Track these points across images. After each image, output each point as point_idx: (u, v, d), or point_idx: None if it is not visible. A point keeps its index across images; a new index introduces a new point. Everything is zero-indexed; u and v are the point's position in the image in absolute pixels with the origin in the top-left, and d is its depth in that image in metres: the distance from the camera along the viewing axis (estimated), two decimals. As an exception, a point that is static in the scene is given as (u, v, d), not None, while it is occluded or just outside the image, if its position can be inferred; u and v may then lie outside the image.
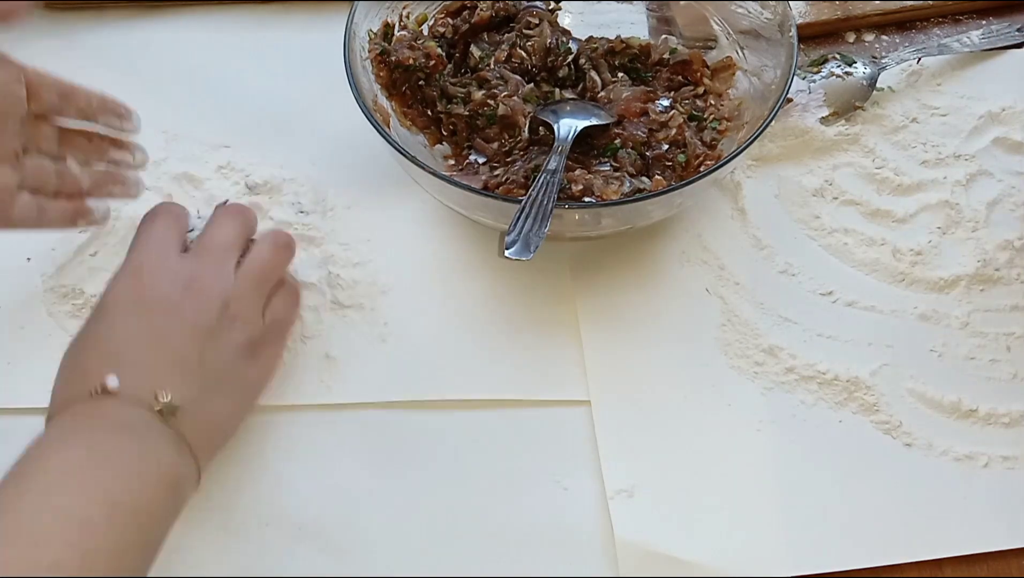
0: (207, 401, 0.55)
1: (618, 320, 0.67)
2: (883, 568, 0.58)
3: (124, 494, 0.47)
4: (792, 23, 0.69)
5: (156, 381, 0.52)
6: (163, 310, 0.55)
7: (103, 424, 0.50)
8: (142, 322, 0.54)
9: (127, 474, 0.48)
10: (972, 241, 0.71)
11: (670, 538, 0.58)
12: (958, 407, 0.63)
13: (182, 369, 0.54)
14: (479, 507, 0.60)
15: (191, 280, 0.56)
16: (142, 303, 0.55)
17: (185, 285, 0.56)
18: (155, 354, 0.54)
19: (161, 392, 0.52)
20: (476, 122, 0.71)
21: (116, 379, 0.51)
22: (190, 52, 0.82)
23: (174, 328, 0.54)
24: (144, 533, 0.48)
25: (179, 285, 0.56)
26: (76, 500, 0.46)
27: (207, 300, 0.56)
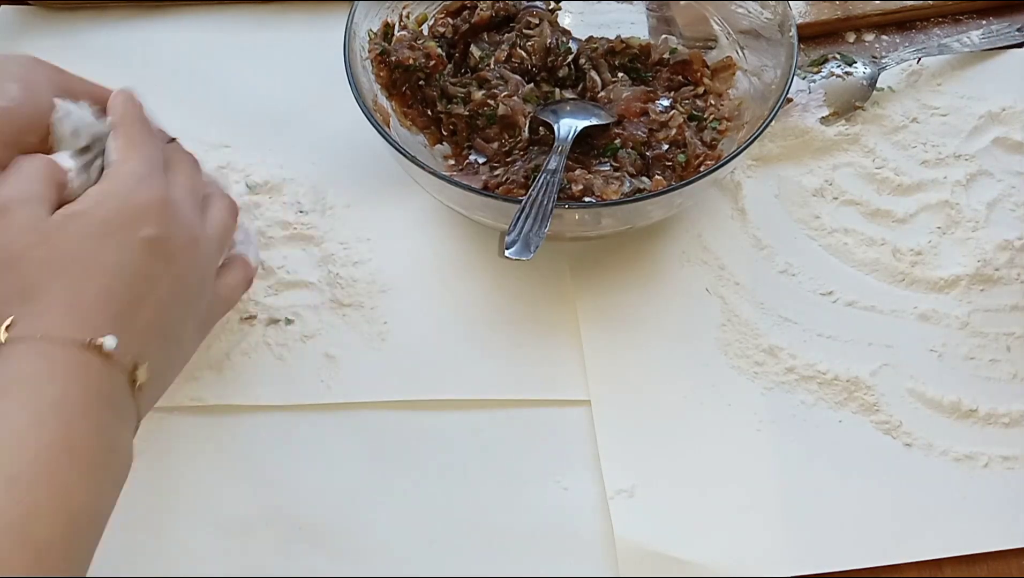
0: (168, 370, 0.51)
1: (618, 320, 0.67)
2: (883, 568, 0.58)
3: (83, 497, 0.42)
4: (792, 23, 0.69)
5: (144, 348, 0.48)
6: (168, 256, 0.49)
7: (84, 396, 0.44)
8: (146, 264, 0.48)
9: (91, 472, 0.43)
10: (972, 241, 0.71)
11: (670, 538, 0.58)
12: (958, 407, 0.63)
13: (164, 336, 0.49)
14: (479, 507, 0.60)
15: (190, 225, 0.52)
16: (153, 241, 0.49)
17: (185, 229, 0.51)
18: (149, 314, 0.48)
19: (141, 357, 0.47)
20: (476, 122, 0.71)
21: (113, 340, 0.45)
22: (190, 52, 0.82)
23: (171, 282, 0.50)
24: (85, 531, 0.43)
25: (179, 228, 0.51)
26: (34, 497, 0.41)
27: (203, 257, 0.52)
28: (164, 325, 0.49)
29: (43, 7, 0.86)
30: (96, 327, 0.46)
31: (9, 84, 0.52)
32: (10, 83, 0.52)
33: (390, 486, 0.61)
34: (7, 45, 0.83)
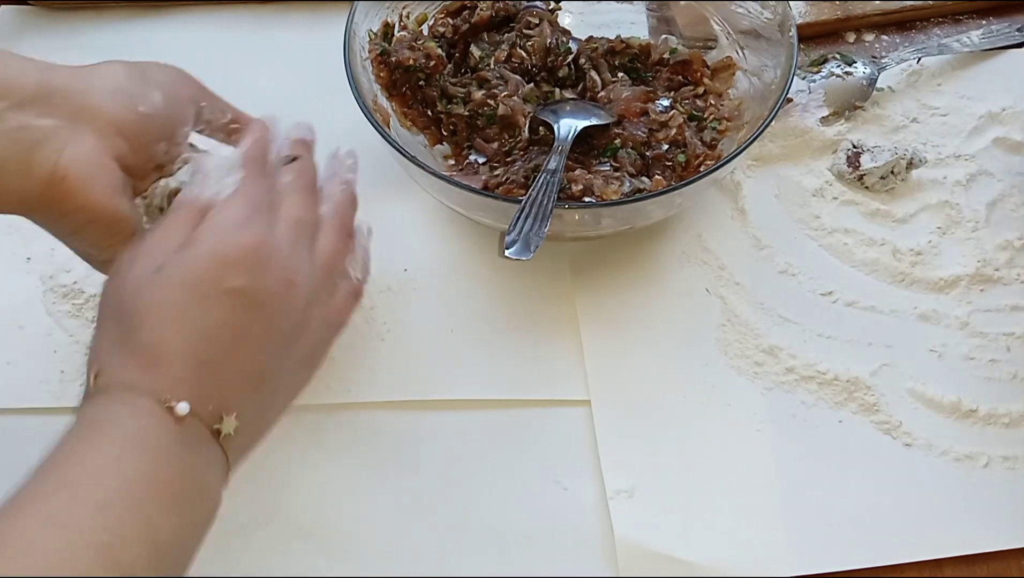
0: (261, 414, 0.50)
1: (618, 320, 0.67)
2: (883, 568, 0.58)
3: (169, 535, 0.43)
4: (792, 23, 0.69)
5: (227, 395, 0.47)
6: (256, 304, 0.47)
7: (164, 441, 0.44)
8: (232, 315, 0.47)
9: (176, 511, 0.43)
10: (972, 241, 0.71)
11: (670, 538, 0.58)
12: (958, 407, 0.63)
13: (254, 386, 0.48)
14: (479, 507, 0.60)
15: (286, 269, 0.49)
16: (240, 292, 0.47)
17: (280, 277, 0.49)
18: (235, 363, 0.47)
19: (229, 416, 0.46)
20: (476, 122, 0.72)
21: (187, 406, 0.45)
22: (190, 52, 0.82)
23: (261, 330, 0.48)
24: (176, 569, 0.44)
25: (273, 276, 0.48)
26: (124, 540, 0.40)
27: (297, 299, 0.49)
28: (253, 373, 0.48)
29: (43, 7, 0.86)
30: (176, 381, 0.45)
31: (154, 92, 0.52)
32: (155, 91, 0.53)
33: (390, 486, 0.61)
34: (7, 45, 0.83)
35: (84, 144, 0.49)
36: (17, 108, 0.48)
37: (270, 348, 0.48)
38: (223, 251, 0.48)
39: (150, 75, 0.54)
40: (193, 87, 0.56)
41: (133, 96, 0.51)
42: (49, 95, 0.49)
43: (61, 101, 0.49)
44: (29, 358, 0.66)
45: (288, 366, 0.50)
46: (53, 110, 0.49)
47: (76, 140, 0.49)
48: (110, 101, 0.51)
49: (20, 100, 0.48)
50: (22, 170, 0.48)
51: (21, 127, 0.48)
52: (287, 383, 0.51)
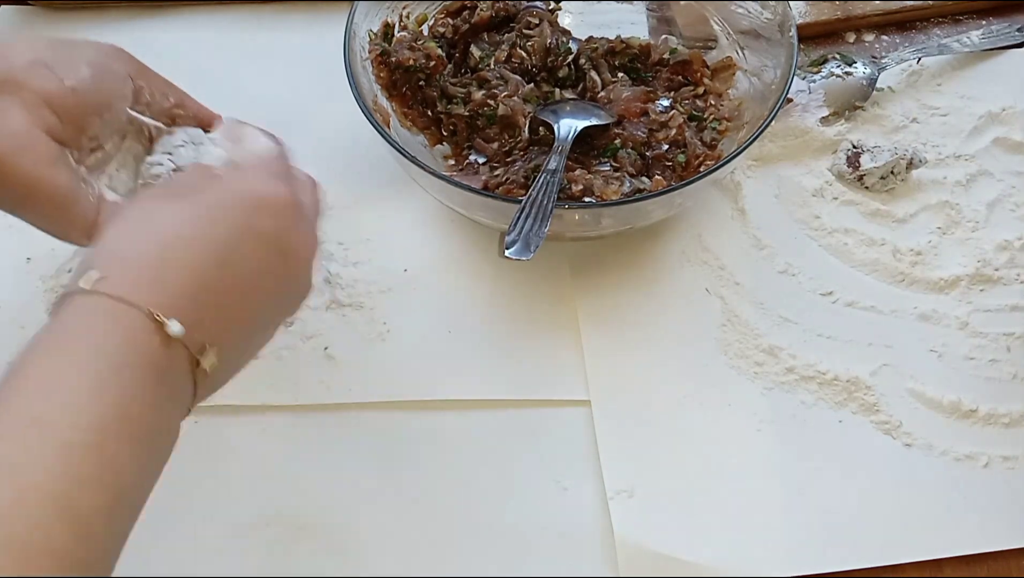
0: (237, 356, 0.48)
1: (618, 320, 0.67)
2: (883, 568, 0.58)
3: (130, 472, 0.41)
4: (792, 23, 0.69)
5: (217, 335, 0.45)
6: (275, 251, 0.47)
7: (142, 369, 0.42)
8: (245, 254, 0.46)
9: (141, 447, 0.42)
10: (972, 241, 0.71)
11: (670, 538, 0.58)
12: (958, 407, 0.63)
13: (244, 327, 0.47)
14: (479, 507, 0.60)
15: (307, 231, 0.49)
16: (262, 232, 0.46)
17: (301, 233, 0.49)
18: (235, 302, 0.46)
19: (213, 345, 0.45)
20: (476, 122, 0.72)
21: (179, 327, 0.43)
22: (190, 52, 0.82)
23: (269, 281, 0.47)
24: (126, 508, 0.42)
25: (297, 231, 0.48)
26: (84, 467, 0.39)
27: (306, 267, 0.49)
28: (249, 316, 0.47)
29: (43, 7, 0.86)
30: (174, 299, 0.43)
31: (82, 66, 0.52)
32: (83, 66, 0.52)
33: (390, 486, 0.61)
34: (7, 45, 0.83)
35: (9, 118, 0.48)
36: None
37: (271, 300, 0.48)
38: (261, 192, 0.47)
39: (76, 50, 0.53)
40: (129, 64, 0.55)
41: (56, 69, 0.50)
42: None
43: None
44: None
45: (274, 320, 0.50)
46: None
47: (2, 116, 0.48)
48: (33, 74, 0.49)
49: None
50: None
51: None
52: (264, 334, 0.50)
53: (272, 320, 0.50)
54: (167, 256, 0.44)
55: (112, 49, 0.55)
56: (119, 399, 0.41)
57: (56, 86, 0.50)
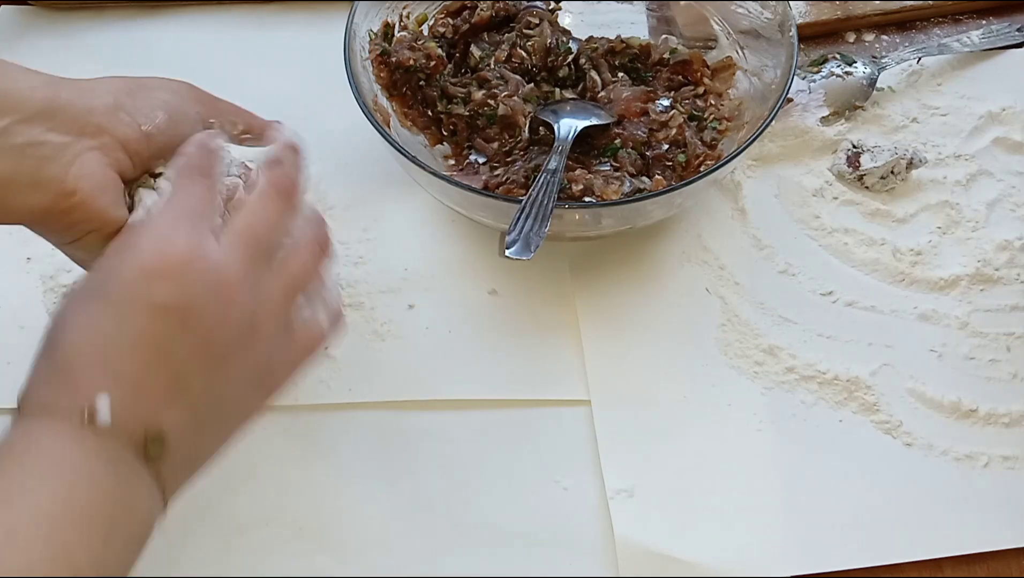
0: (199, 434, 0.47)
1: (618, 320, 0.67)
2: (883, 568, 0.58)
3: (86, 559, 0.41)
4: (792, 23, 0.69)
5: (151, 411, 0.44)
6: (185, 324, 0.45)
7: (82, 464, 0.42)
8: (156, 330, 0.44)
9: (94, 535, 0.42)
10: (972, 241, 0.71)
11: (670, 538, 0.58)
12: (958, 407, 0.63)
13: (182, 396, 0.45)
14: (479, 507, 0.60)
15: (219, 282, 0.46)
16: (164, 308, 0.44)
17: (211, 289, 0.45)
18: (157, 374, 0.44)
19: (152, 427, 0.44)
20: (476, 122, 0.72)
21: (107, 411, 0.43)
22: (190, 52, 0.82)
23: (191, 349, 0.45)
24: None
25: (204, 288, 0.45)
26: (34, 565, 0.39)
27: (236, 320, 0.46)
28: (183, 391, 0.45)
29: (43, 7, 0.86)
30: (87, 397, 0.43)
31: (157, 112, 0.53)
32: (158, 111, 0.53)
33: (390, 486, 0.61)
34: (7, 45, 0.83)
35: (90, 160, 0.50)
36: (25, 123, 0.49)
37: (204, 366, 0.45)
38: (145, 260, 0.45)
39: (154, 94, 0.54)
40: (201, 104, 0.56)
41: (135, 115, 0.52)
42: (55, 111, 0.50)
43: (67, 117, 0.50)
44: (29, 358, 0.65)
45: (232, 388, 0.47)
46: (59, 125, 0.50)
47: (83, 155, 0.50)
48: (114, 119, 0.52)
49: (28, 115, 0.49)
50: (31, 184, 0.49)
51: (30, 142, 0.49)
52: (233, 406, 0.48)
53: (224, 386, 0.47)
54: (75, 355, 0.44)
55: (185, 88, 0.56)
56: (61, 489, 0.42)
57: (133, 133, 0.52)
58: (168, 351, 0.44)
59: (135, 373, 0.44)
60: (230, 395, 0.47)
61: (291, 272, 0.49)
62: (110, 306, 0.45)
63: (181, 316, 0.44)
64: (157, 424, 0.44)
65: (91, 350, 0.44)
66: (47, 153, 0.49)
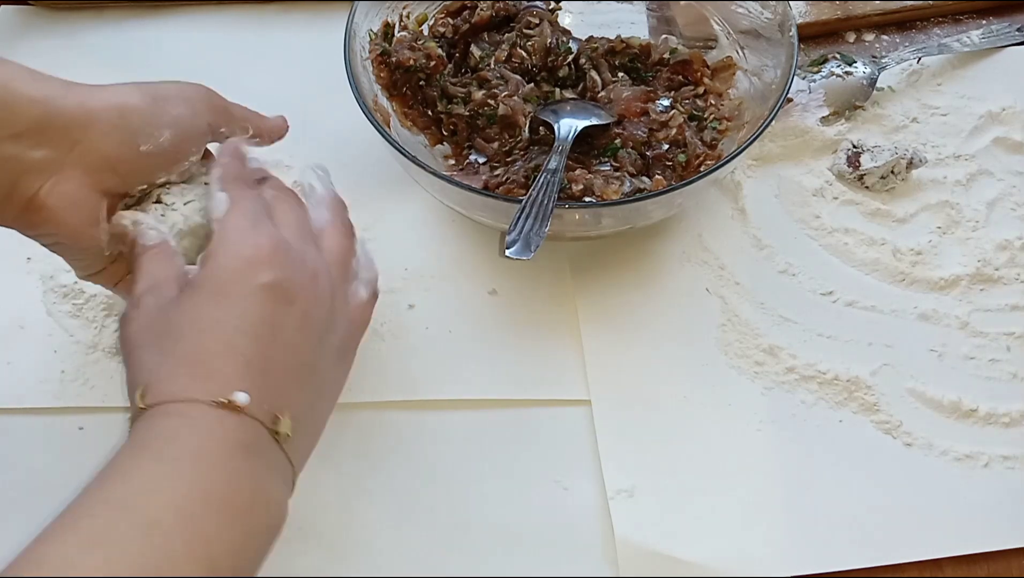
0: (314, 412, 0.50)
1: (618, 320, 0.67)
2: (883, 568, 0.58)
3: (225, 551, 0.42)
4: (792, 23, 0.69)
5: (281, 396, 0.46)
6: (288, 297, 0.48)
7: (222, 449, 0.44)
8: (268, 309, 0.47)
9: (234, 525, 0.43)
10: (972, 241, 0.71)
11: (670, 538, 0.58)
12: (958, 407, 0.63)
13: (301, 380, 0.48)
14: (479, 507, 0.60)
15: (304, 263, 0.49)
16: (271, 286, 0.47)
17: (301, 269, 0.49)
18: (281, 360, 0.47)
19: (285, 412, 0.46)
20: (476, 122, 0.72)
21: (246, 396, 0.45)
22: (190, 52, 0.82)
23: (297, 322, 0.48)
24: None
25: (296, 267, 0.49)
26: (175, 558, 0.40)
27: (324, 290, 0.50)
28: (299, 367, 0.48)
29: (43, 7, 0.86)
30: (224, 383, 0.45)
31: (163, 130, 0.53)
32: (165, 129, 0.53)
33: (390, 486, 0.61)
34: (7, 45, 0.83)
35: (69, 179, 0.50)
36: (15, 139, 0.49)
37: (309, 340, 0.49)
38: (245, 252, 0.48)
39: (166, 108, 0.53)
40: (214, 113, 0.56)
41: (136, 134, 0.51)
42: (49, 127, 0.49)
43: (59, 133, 0.50)
44: (29, 358, 0.66)
45: (327, 361, 0.50)
46: (48, 141, 0.49)
47: (62, 175, 0.50)
48: (111, 137, 0.51)
49: (20, 130, 0.49)
50: (3, 195, 0.49)
51: (12, 157, 0.49)
52: (330, 379, 0.51)
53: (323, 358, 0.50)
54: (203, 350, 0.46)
55: (199, 97, 0.56)
56: (199, 479, 0.42)
57: (127, 152, 0.51)
58: (282, 330, 0.47)
59: (259, 356, 0.46)
60: (327, 370, 0.50)
61: (335, 254, 0.53)
62: (224, 298, 0.47)
63: (285, 292, 0.48)
64: (285, 404, 0.46)
65: (217, 340, 0.46)
66: (27, 168, 0.49)
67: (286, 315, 0.48)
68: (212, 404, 0.44)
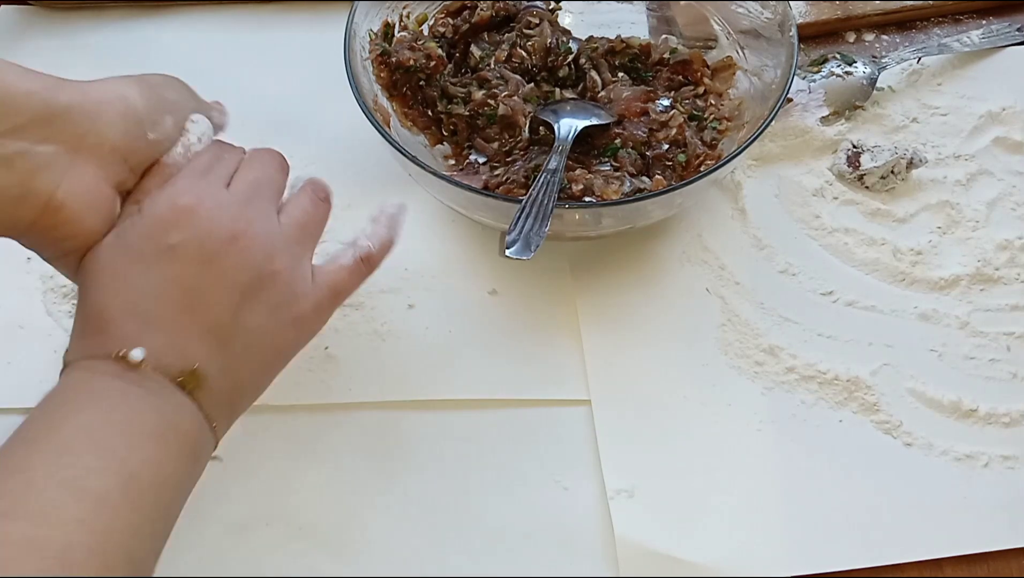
0: (235, 368, 0.50)
1: (618, 320, 0.67)
2: (883, 568, 0.58)
3: (141, 466, 0.44)
4: (792, 23, 0.69)
5: (184, 350, 0.47)
6: (202, 258, 0.48)
7: (121, 389, 0.46)
8: (176, 270, 0.48)
9: (145, 445, 0.45)
10: (972, 241, 0.71)
11: (670, 538, 0.58)
12: (958, 407, 0.63)
13: (214, 334, 0.48)
14: (479, 507, 0.60)
15: (235, 225, 0.49)
16: (181, 247, 0.48)
17: (222, 226, 0.49)
18: (187, 316, 0.48)
19: (187, 361, 0.47)
20: (476, 122, 0.72)
21: (141, 352, 0.46)
22: (190, 52, 0.82)
23: (211, 282, 0.48)
24: (161, 507, 0.45)
25: (224, 230, 0.49)
26: (90, 471, 0.43)
27: (251, 252, 0.50)
28: (212, 326, 0.48)
29: (43, 7, 0.86)
30: (124, 338, 0.47)
31: (166, 116, 0.52)
32: (167, 115, 0.52)
33: (390, 486, 0.61)
34: (7, 45, 0.83)
35: (84, 174, 0.48)
36: (17, 132, 0.47)
37: (228, 299, 0.49)
38: (159, 213, 0.49)
39: (163, 95, 0.53)
40: (194, 100, 0.56)
41: (142, 122, 0.51)
42: (52, 118, 0.48)
43: (65, 125, 0.48)
44: (29, 358, 0.66)
45: (260, 319, 0.50)
46: (55, 135, 0.48)
47: (76, 169, 0.48)
48: (118, 127, 0.50)
49: (21, 124, 0.47)
50: (17, 197, 0.47)
51: (19, 153, 0.47)
52: (264, 338, 0.51)
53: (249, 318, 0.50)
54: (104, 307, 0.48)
55: (179, 82, 0.56)
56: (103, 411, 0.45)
57: (139, 143, 0.51)
58: (191, 287, 0.48)
59: (163, 314, 0.47)
60: (259, 327, 0.50)
61: (294, 214, 0.53)
62: (132, 258, 0.48)
63: (198, 254, 0.48)
64: (191, 358, 0.47)
65: (119, 300, 0.48)
66: (37, 164, 0.47)
67: (199, 276, 0.48)
68: (111, 359, 0.46)
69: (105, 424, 0.44)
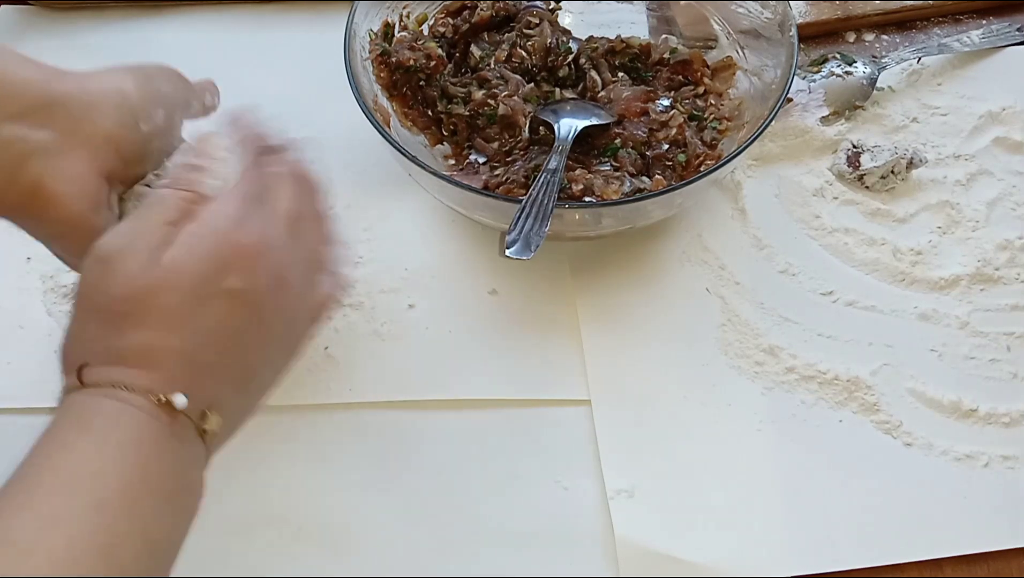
0: (243, 409, 0.50)
1: (618, 320, 0.67)
2: (883, 568, 0.58)
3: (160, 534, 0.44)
4: (792, 23, 0.69)
5: (216, 399, 0.46)
6: (251, 305, 0.47)
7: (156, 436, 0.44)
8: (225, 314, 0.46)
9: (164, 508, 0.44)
10: (972, 241, 0.71)
11: (670, 538, 0.58)
12: (958, 407, 0.63)
13: (241, 384, 0.48)
14: (479, 507, 0.60)
15: (281, 272, 0.48)
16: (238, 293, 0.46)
17: (278, 280, 0.47)
18: (226, 360, 0.47)
19: (215, 411, 0.46)
20: (476, 122, 0.72)
21: (184, 399, 0.45)
22: (190, 52, 0.82)
23: (253, 330, 0.47)
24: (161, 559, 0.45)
25: (274, 279, 0.47)
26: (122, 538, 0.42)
27: (288, 301, 0.48)
28: (244, 373, 0.48)
29: (43, 7, 0.86)
30: (170, 381, 0.45)
31: (158, 109, 0.52)
32: (159, 107, 0.52)
33: (390, 486, 0.61)
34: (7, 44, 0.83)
35: (74, 161, 0.49)
36: (15, 119, 0.48)
37: (262, 348, 0.48)
38: (222, 252, 0.47)
39: (157, 87, 0.53)
40: (187, 90, 0.56)
41: (136, 114, 0.51)
42: (50, 106, 0.48)
43: (61, 113, 0.49)
44: (29, 358, 0.66)
45: (273, 364, 0.50)
46: (51, 122, 0.48)
47: (67, 156, 0.49)
48: (112, 118, 0.50)
49: (19, 111, 0.48)
50: (6, 179, 0.48)
51: (15, 138, 0.48)
52: (269, 380, 0.51)
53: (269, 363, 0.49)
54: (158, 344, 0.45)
55: (174, 73, 0.56)
56: (140, 464, 0.44)
57: (131, 134, 0.51)
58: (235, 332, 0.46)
59: (207, 359, 0.46)
60: (269, 372, 0.50)
61: (310, 248, 0.51)
62: (189, 293, 0.46)
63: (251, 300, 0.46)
64: (219, 406, 0.47)
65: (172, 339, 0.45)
66: (30, 149, 0.48)
67: (246, 324, 0.47)
68: (153, 400, 0.44)
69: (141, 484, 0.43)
